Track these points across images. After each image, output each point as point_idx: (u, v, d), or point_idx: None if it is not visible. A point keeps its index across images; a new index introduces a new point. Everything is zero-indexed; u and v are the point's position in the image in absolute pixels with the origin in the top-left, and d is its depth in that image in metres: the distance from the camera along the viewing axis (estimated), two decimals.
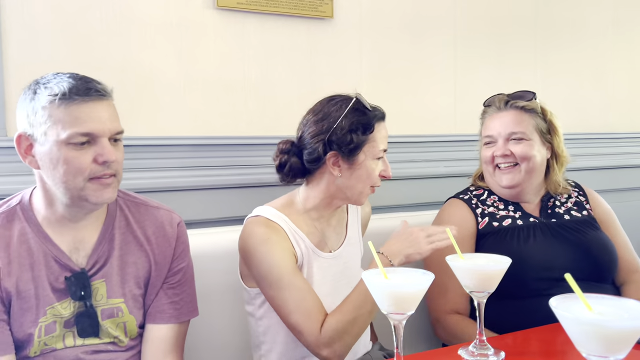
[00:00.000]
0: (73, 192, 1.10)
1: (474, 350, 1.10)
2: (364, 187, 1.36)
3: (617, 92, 2.65)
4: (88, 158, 1.09)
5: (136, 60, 1.67)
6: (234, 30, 1.80)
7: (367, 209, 1.61)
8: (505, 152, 1.58)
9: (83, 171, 1.09)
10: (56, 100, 1.06)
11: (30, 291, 1.13)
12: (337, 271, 1.42)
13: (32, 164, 1.12)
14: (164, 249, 1.27)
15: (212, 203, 1.76)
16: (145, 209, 1.28)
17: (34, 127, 1.09)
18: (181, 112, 1.75)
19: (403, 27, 2.11)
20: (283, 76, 1.89)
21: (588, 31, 2.55)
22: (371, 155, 1.34)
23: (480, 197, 1.68)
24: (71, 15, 1.58)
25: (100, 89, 1.11)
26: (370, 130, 1.34)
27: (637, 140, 2.67)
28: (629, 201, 2.56)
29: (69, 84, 1.08)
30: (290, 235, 1.34)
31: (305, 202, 1.40)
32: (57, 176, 1.09)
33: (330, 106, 1.35)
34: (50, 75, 1.12)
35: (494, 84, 2.30)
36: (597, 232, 1.61)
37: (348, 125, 1.31)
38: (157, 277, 1.26)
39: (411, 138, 2.12)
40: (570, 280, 0.82)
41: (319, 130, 1.33)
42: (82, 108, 1.07)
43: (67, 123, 1.06)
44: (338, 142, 1.31)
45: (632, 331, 0.76)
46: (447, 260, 1.11)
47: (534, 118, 1.60)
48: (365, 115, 1.34)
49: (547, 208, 1.65)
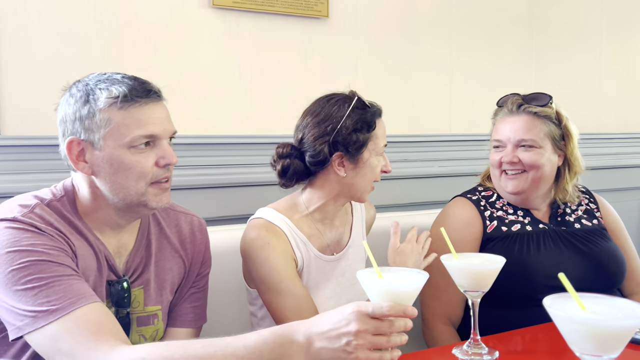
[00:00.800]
0: (133, 197, 1.07)
1: (468, 349, 1.11)
2: (368, 184, 1.36)
3: (609, 93, 2.67)
4: (150, 161, 1.06)
5: (131, 60, 1.66)
6: (230, 29, 1.80)
7: (372, 212, 1.60)
8: (512, 159, 1.51)
9: (146, 175, 1.06)
10: (117, 102, 1.03)
11: (89, 283, 1.07)
12: (340, 273, 1.41)
13: (85, 170, 1.07)
14: (196, 255, 1.26)
15: (207, 202, 1.76)
16: (175, 214, 1.26)
17: (89, 132, 1.04)
18: (177, 111, 1.73)
19: (399, 27, 2.11)
20: (279, 75, 1.90)
21: (582, 32, 2.56)
22: (375, 152, 1.34)
23: (489, 199, 1.61)
24: (66, 15, 1.58)
25: (157, 89, 1.09)
26: (373, 128, 1.33)
27: (629, 140, 2.69)
28: (621, 201, 2.58)
29: (127, 86, 1.05)
30: (291, 239, 1.33)
31: (309, 204, 1.39)
32: (118, 181, 1.05)
33: (331, 106, 1.33)
34: (98, 76, 1.08)
35: (489, 84, 2.31)
36: (608, 242, 1.56)
37: (352, 124, 1.30)
38: (187, 283, 1.24)
39: (406, 138, 2.12)
40: (563, 279, 0.83)
41: (323, 132, 1.31)
42: (143, 110, 1.05)
43: (129, 126, 1.03)
44: (344, 142, 1.30)
45: (625, 330, 0.77)
46: (442, 259, 1.12)
47: (547, 124, 1.52)
48: (367, 112, 1.33)
49: (557, 215, 1.59)
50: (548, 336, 1.19)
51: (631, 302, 0.82)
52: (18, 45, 1.53)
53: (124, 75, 1.09)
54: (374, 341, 0.87)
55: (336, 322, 0.88)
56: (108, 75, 1.08)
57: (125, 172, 1.05)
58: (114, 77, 1.07)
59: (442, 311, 1.54)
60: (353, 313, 0.87)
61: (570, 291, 0.83)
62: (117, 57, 1.64)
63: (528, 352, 1.14)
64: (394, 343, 0.89)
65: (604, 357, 0.78)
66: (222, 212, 1.78)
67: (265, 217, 1.34)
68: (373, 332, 0.87)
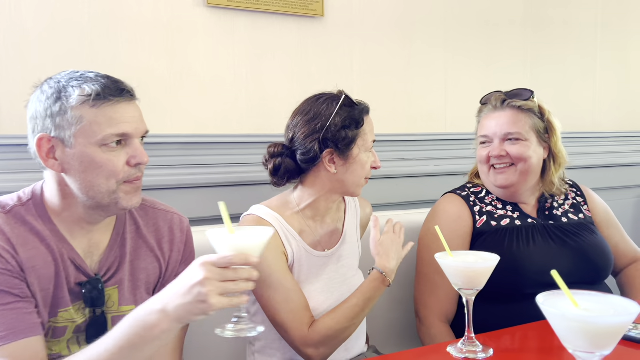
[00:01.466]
0: (104, 195, 1.06)
1: (462, 347, 1.11)
2: (360, 179, 1.39)
3: (604, 91, 2.68)
4: (122, 160, 1.06)
5: (126, 59, 1.66)
6: (225, 28, 1.80)
7: (368, 210, 1.61)
8: (500, 153, 1.56)
9: (117, 174, 1.05)
10: (90, 100, 1.02)
11: (49, 290, 1.07)
12: (332, 270, 1.43)
13: (55, 168, 1.06)
14: (174, 254, 1.23)
15: (203, 201, 1.76)
16: (154, 212, 1.24)
17: (60, 129, 1.03)
18: (172, 110, 1.74)
19: (394, 26, 2.12)
20: (274, 74, 1.90)
21: (577, 30, 2.57)
22: (364, 148, 1.37)
23: (478, 194, 1.65)
24: (60, 15, 1.57)
25: (130, 89, 1.08)
26: (361, 124, 1.36)
27: (624, 139, 2.70)
28: (616, 200, 2.59)
29: (100, 84, 1.04)
30: (282, 235, 1.36)
31: (300, 201, 1.42)
32: (88, 179, 1.04)
33: (320, 105, 1.36)
34: (70, 74, 1.07)
35: (484, 83, 2.31)
36: (594, 236, 1.59)
37: (341, 121, 1.33)
38: (165, 283, 1.20)
39: (402, 137, 2.13)
40: (556, 276, 0.83)
41: (313, 130, 1.34)
42: (116, 109, 1.04)
43: (101, 124, 1.02)
44: (333, 139, 1.33)
45: (617, 327, 0.78)
46: (436, 258, 1.12)
47: (531, 118, 1.57)
48: (354, 110, 1.36)
49: (545, 209, 1.63)
50: (542, 334, 1.19)
51: (624, 299, 0.83)
52: (12, 46, 1.53)
53: (97, 73, 1.08)
54: (222, 287, 0.90)
55: (184, 278, 0.92)
56: (81, 74, 1.07)
57: (96, 170, 1.04)
58: (86, 75, 1.06)
59: (440, 308, 1.55)
60: (198, 265, 0.91)
61: (562, 288, 0.83)
62: (112, 56, 1.64)
63: (522, 349, 1.15)
64: (241, 288, 0.92)
65: (597, 353, 0.79)
66: (218, 211, 1.77)
67: (256, 214, 1.38)
68: (220, 279, 0.90)
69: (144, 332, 0.93)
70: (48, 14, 1.56)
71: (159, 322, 0.92)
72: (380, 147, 2.07)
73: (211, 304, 0.89)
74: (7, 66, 1.52)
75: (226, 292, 0.90)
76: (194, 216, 1.74)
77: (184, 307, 0.90)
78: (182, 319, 0.92)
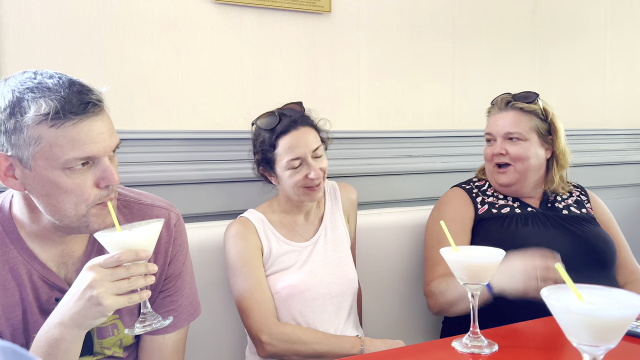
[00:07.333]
0: (72, 220, 0.96)
1: (467, 342, 1.11)
2: (295, 191, 1.50)
3: (613, 89, 2.66)
4: (89, 182, 0.95)
5: (134, 55, 1.67)
6: (232, 24, 1.81)
7: (351, 196, 1.70)
8: (500, 151, 1.65)
9: (86, 199, 0.95)
10: (48, 120, 0.88)
11: (17, 317, 1.00)
12: (325, 255, 1.56)
13: (16, 187, 0.95)
14: (160, 256, 1.13)
15: (210, 197, 1.77)
16: (139, 208, 1.14)
17: (17, 148, 0.90)
18: (179, 106, 1.75)
19: (401, 23, 2.11)
20: (281, 71, 1.90)
21: (586, 27, 2.55)
22: (283, 168, 1.48)
23: (481, 187, 1.74)
24: (69, 11, 1.59)
25: (95, 99, 0.93)
26: (273, 148, 1.49)
27: (633, 136, 2.68)
28: (625, 198, 2.57)
29: (59, 99, 0.89)
30: (261, 231, 1.52)
31: (280, 202, 1.59)
32: (52, 204, 0.94)
33: (255, 129, 1.55)
34: (26, 79, 0.92)
35: (492, 80, 2.31)
36: (596, 227, 1.63)
37: (259, 146, 1.52)
38: (153, 286, 1.12)
39: (409, 133, 2.12)
40: (560, 269, 0.83)
41: (252, 149, 1.57)
42: (79, 128, 0.90)
43: (63, 147, 0.90)
44: (260, 161, 1.54)
45: (622, 321, 0.77)
46: (442, 253, 1.12)
47: (532, 119, 1.64)
48: (267, 134, 1.49)
49: (548, 202, 1.69)
50: (547, 329, 1.19)
51: (628, 293, 0.82)
52: (21, 42, 1.54)
53: (58, 80, 0.92)
54: (115, 286, 0.87)
55: (75, 284, 0.89)
56: (39, 81, 0.91)
57: (61, 195, 0.93)
58: (44, 84, 0.91)
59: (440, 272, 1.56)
60: (86, 268, 0.88)
61: (567, 281, 0.82)
62: (120, 52, 1.65)
63: (527, 345, 1.14)
64: (137, 285, 0.90)
65: (601, 347, 0.78)
66: (225, 206, 1.79)
67: (244, 215, 1.56)
68: (111, 280, 0.87)
69: (51, 349, 0.89)
70: (56, 11, 1.58)
71: (61, 335, 0.88)
72: (388, 144, 2.07)
73: (106, 306, 0.86)
74: (14, 64, 1.54)
75: (121, 291, 0.87)
76: (200, 212, 1.76)
77: (80, 313, 0.87)
78: (82, 326, 0.89)
